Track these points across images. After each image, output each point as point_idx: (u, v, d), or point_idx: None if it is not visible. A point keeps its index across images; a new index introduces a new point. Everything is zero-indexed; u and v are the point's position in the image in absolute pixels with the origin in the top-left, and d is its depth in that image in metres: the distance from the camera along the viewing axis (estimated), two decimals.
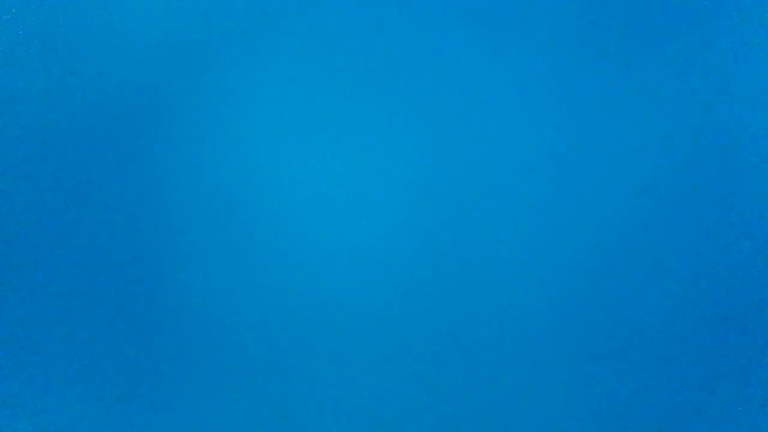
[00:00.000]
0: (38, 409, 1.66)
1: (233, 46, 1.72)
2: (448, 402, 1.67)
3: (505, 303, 1.68)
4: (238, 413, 1.67)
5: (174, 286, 1.68)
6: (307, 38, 1.72)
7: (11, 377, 1.66)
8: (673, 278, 1.69)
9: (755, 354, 1.67)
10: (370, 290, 1.68)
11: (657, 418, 1.67)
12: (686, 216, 1.70)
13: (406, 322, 1.68)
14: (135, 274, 1.68)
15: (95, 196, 1.69)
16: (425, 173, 1.70)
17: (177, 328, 1.67)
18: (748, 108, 1.71)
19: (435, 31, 1.72)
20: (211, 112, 1.70)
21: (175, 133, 1.70)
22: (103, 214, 1.68)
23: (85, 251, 1.68)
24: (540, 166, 1.70)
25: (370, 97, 1.71)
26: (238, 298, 1.68)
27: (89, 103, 1.70)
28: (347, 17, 1.72)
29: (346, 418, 1.67)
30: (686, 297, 1.69)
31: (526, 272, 1.69)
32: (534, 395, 1.67)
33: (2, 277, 1.67)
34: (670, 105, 1.72)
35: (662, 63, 1.72)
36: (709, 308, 1.69)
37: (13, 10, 1.70)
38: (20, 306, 1.67)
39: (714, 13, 1.73)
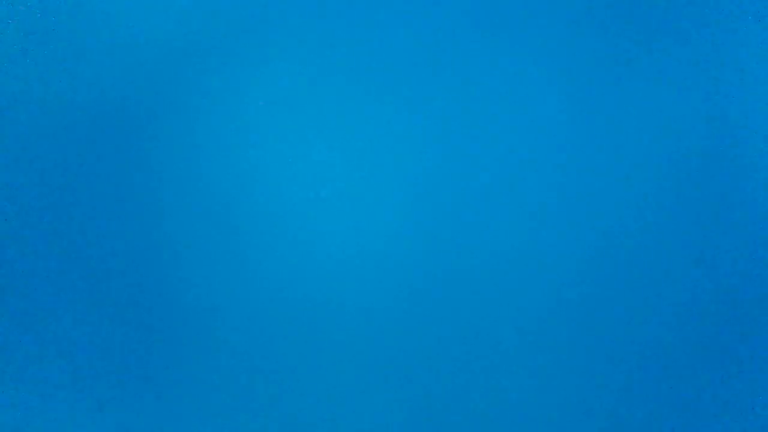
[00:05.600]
0: (38, 409, 1.66)
1: (233, 46, 1.72)
2: (449, 402, 1.67)
3: (506, 304, 1.68)
4: (238, 413, 1.67)
5: (173, 286, 1.68)
6: (307, 38, 1.72)
7: (11, 377, 1.66)
8: (675, 279, 1.69)
9: (756, 355, 1.67)
10: (371, 290, 1.68)
11: (657, 417, 1.67)
12: (688, 216, 1.70)
13: (407, 323, 1.68)
14: (134, 273, 1.68)
15: (94, 196, 1.69)
16: (426, 174, 1.70)
17: (176, 327, 1.67)
18: (751, 109, 1.71)
19: (436, 32, 1.72)
20: (210, 112, 1.71)
21: (175, 132, 1.70)
22: (102, 213, 1.68)
23: (83, 251, 1.68)
24: (542, 167, 1.70)
25: (371, 98, 1.71)
26: (237, 297, 1.68)
27: (89, 103, 1.70)
28: (348, 18, 1.72)
29: (346, 418, 1.67)
30: (687, 296, 1.69)
31: (528, 272, 1.69)
32: (535, 395, 1.67)
33: (2, 277, 1.67)
34: (672, 106, 1.71)
35: (664, 64, 1.72)
36: (711, 308, 1.69)
37: (14, 11, 1.70)
38: (20, 306, 1.67)
39: (715, 13, 1.73)
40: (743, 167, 1.70)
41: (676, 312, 1.68)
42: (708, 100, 1.71)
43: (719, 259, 1.69)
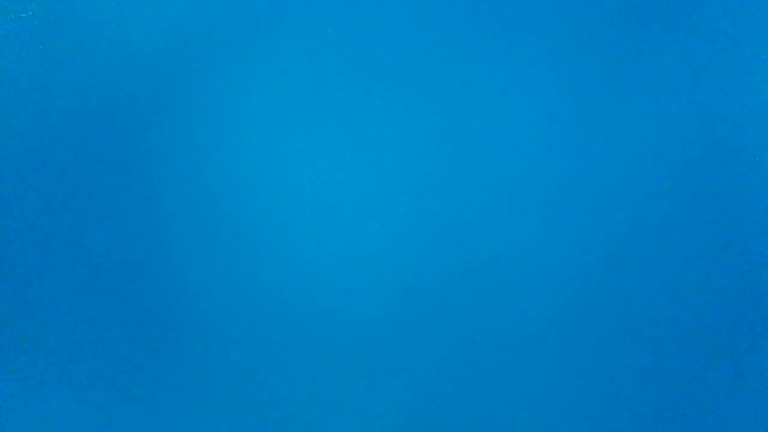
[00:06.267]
0: (38, 409, 1.67)
1: (233, 46, 1.72)
2: (451, 405, 1.67)
3: (508, 305, 1.68)
4: (238, 414, 1.67)
5: (172, 286, 1.68)
6: (308, 38, 1.72)
7: (11, 377, 1.67)
8: (677, 281, 1.69)
9: (756, 356, 1.67)
10: (371, 290, 1.68)
11: (658, 418, 1.67)
12: (689, 218, 1.69)
13: (408, 324, 1.68)
14: (133, 273, 1.68)
15: (94, 197, 1.69)
16: (427, 174, 1.70)
17: (176, 329, 1.67)
18: (752, 109, 1.71)
19: (437, 32, 1.72)
20: (210, 112, 1.70)
21: (175, 133, 1.70)
22: (102, 214, 1.68)
23: (83, 252, 1.68)
24: (543, 167, 1.70)
25: (371, 98, 1.71)
26: (237, 297, 1.68)
27: (89, 103, 1.70)
28: (348, 17, 1.72)
29: (347, 419, 1.67)
30: (689, 299, 1.68)
31: (530, 273, 1.69)
32: (537, 396, 1.67)
33: (2, 277, 1.67)
34: (672, 107, 1.71)
35: (666, 65, 1.72)
36: (713, 310, 1.68)
37: (14, 11, 1.70)
38: (20, 306, 1.67)
39: (716, 14, 1.73)
40: (744, 167, 1.70)
41: (677, 313, 1.68)
42: (708, 100, 1.71)
43: (720, 259, 1.69)
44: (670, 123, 1.71)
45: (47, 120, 1.70)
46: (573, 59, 1.72)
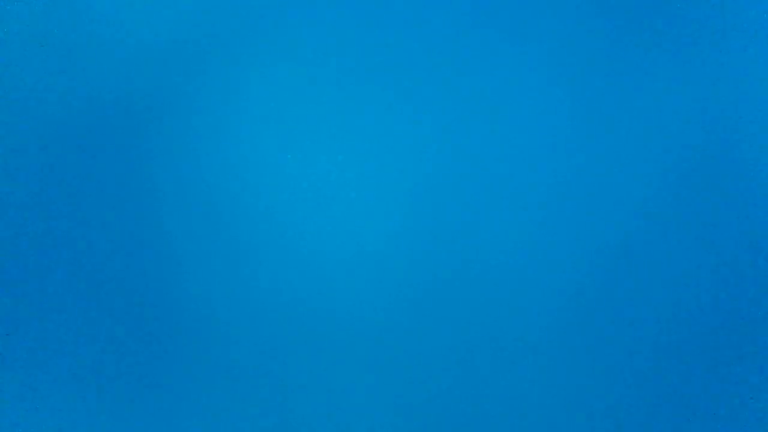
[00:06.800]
0: (38, 409, 1.67)
1: (233, 46, 1.72)
2: (451, 404, 1.67)
3: (508, 306, 1.68)
4: (238, 414, 1.67)
5: (172, 286, 1.68)
6: (308, 39, 1.72)
7: (11, 377, 1.67)
8: (677, 281, 1.69)
9: (756, 356, 1.67)
10: (372, 293, 1.68)
11: (657, 418, 1.67)
12: (689, 218, 1.70)
13: (408, 324, 1.68)
14: (133, 273, 1.68)
15: (94, 196, 1.69)
16: (427, 175, 1.70)
17: (176, 329, 1.67)
18: (751, 109, 1.71)
19: (437, 32, 1.72)
20: (211, 113, 1.71)
21: (175, 133, 1.70)
22: (102, 214, 1.68)
23: (83, 251, 1.68)
24: (543, 168, 1.70)
25: (371, 99, 1.71)
26: (237, 298, 1.68)
27: (89, 104, 1.70)
28: (348, 19, 1.72)
29: (348, 420, 1.67)
30: (689, 298, 1.69)
31: (531, 275, 1.69)
32: (537, 398, 1.67)
33: (2, 277, 1.67)
34: (672, 107, 1.71)
35: (665, 65, 1.72)
36: (711, 310, 1.69)
37: (14, 11, 1.70)
38: (20, 306, 1.67)
39: (716, 14, 1.73)
40: (743, 168, 1.70)
41: (676, 314, 1.68)
42: (708, 100, 1.71)
43: (719, 259, 1.69)
44: (670, 124, 1.71)
45: (47, 120, 1.70)
46: (573, 60, 1.72)
